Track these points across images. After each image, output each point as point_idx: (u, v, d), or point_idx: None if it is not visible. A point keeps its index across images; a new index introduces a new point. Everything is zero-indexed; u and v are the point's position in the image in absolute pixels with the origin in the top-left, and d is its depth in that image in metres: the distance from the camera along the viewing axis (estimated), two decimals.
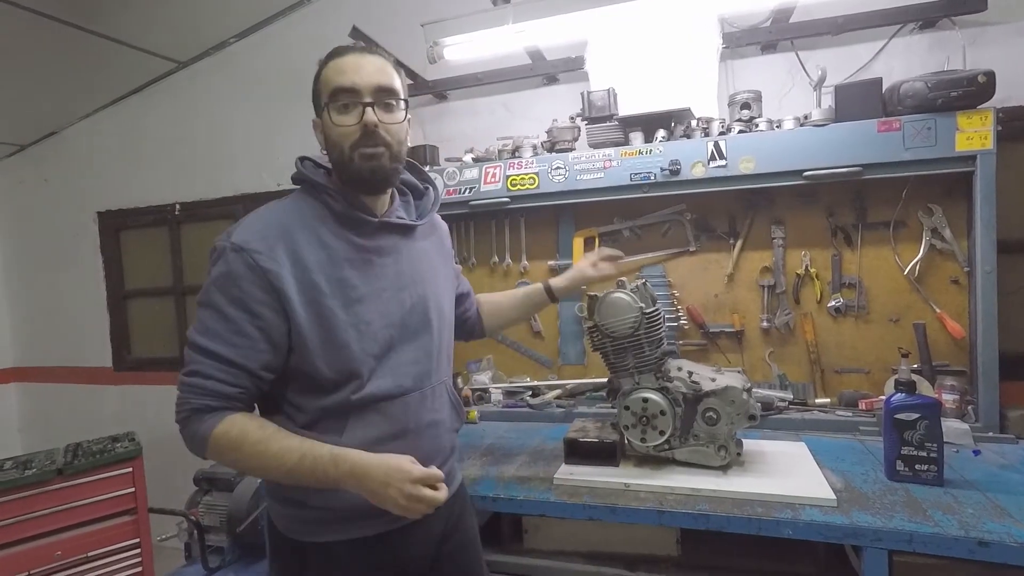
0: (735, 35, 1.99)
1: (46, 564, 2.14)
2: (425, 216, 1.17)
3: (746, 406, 1.37)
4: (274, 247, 0.96)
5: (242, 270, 0.94)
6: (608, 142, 1.91)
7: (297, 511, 1.04)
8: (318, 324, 0.98)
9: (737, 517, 1.21)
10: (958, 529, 1.10)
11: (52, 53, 2.62)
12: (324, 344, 0.98)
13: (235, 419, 0.95)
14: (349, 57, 1.02)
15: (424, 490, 0.92)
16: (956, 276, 1.73)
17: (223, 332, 0.95)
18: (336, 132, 1.01)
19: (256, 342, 0.95)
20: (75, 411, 3.37)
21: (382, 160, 1.02)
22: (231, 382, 0.95)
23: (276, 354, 0.98)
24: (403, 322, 1.07)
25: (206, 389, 0.94)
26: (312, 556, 1.04)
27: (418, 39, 1.96)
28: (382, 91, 1.01)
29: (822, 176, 1.67)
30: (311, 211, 1.04)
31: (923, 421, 1.29)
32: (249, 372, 0.96)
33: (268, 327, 0.96)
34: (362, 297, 1.02)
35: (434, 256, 1.20)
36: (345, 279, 1.01)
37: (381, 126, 1.00)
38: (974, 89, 1.54)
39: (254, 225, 0.99)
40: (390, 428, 1.04)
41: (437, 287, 1.17)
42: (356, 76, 1.00)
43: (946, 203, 1.72)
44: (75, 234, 3.30)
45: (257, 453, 0.94)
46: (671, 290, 2.00)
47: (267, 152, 2.84)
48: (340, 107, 1.00)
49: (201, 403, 0.94)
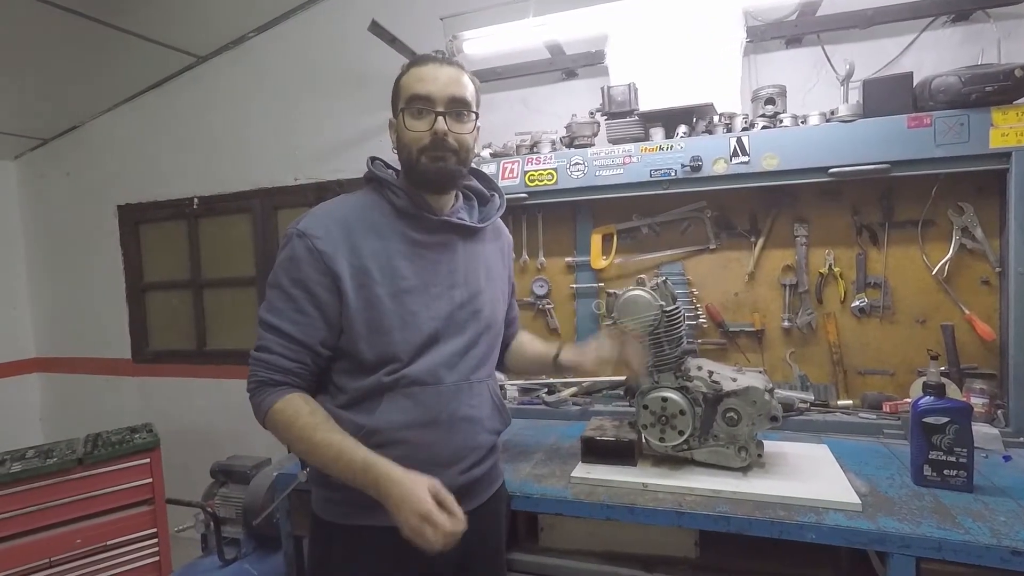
0: (759, 28, 1.95)
1: (66, 551, 2.17)
2: (488, 220, 1.20)
3: (768, 407, 1.34)
4: (333, 234, 1.05)
5: (303, 253, 1.03)
6: (628, 138, 1.88)
7: (330, 493, 1.09)
8: (366, 308, 1.04)
9: (759, 520, 1.18)
10: (990, 537, 1.06)
11: (74, 48, 2.65)
12: (369, 328, 1.04)
13: (292, 399, 1.02)
14: (429, 67, 1.08)
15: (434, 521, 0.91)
16: (987, 277, 1.68)
17: (286, 310, 1.04)
18: (408, 135, 1.08)
19: (315, 320, 1.04)
20: (95, 402, 3.42)
21: (448, 162, 1.08)
22: (292, 357, 1.03)
23: (331, 332, 1.06)
24: (450, 317, 1.10)
25: (271, 364, 1.03)
26: (340, 537, 1.09)
27: (437, 33, 1.95)
28: (455, 101, 1.07)
29: (848, 173, 1.63)
30: (374, 205, 1.11)
31: (952, 425, 1.25)
32: (309, 348, 1.04)
33: (324, 306, 1.04)
34: (411, 288, 1.07)
35: (493, 261, 1.24)
36: (396, 269, 1.06)
37: (451, 135, 1.06)
38: (1010, 84, 1.49)
39: (318, 214, 1.09)
40: (420, 415, 1.06)
41: (492, 290, 1.20)
42: (432, 85, 1.06)
43: (978, 201, 1.67)
44: (96, 227, 3.34)
45: (303, 438, 1.00)
46: (690, 288, 1.97)
47: (285, 146, 2.84)
48: (415, 112, 1.07)
49: (267, 376, 1.03)
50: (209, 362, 3.12)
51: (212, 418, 3.09)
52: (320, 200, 1.18)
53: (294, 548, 1.58)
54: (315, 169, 2.78)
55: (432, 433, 1.07)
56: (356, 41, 2.25)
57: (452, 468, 1.09)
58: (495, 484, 1.22)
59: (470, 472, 1.12)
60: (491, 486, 1.20)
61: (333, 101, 2.71)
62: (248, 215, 3.00)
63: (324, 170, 2.76)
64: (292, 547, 1.58)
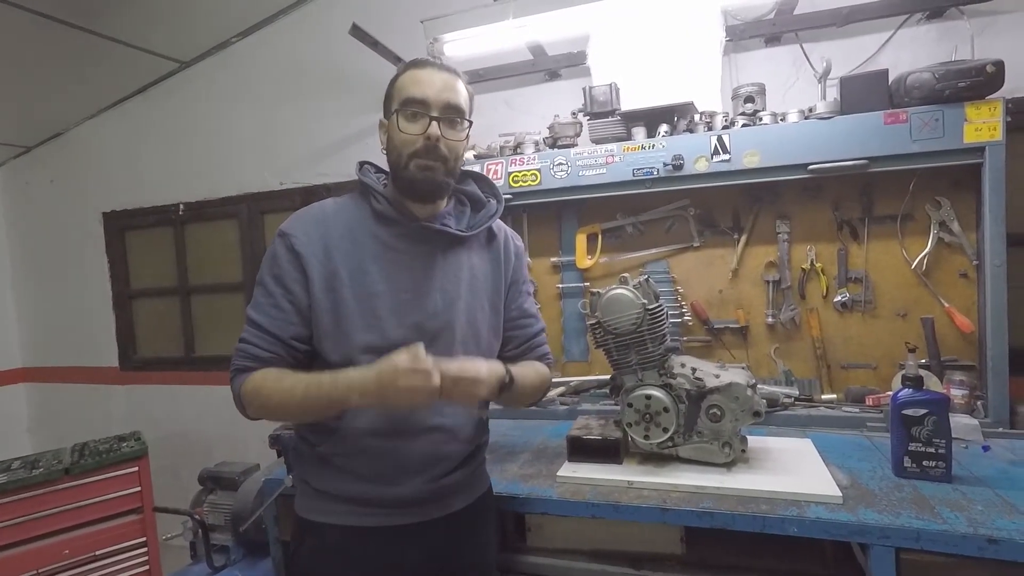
0: (738, 28, 1.97)
1: (55, 562, 2.16)
2: (477, 228, 1.17)
3: (751, 402, 1.35)
4: (310, 234, 1.07)
5: (282, 252, 1.07)
6: (610, 137, 1.89)
7: (303, 488, 1.14)
8: (332, 309, 1.05)
9: (742, 515, 1.19)
10: (967, 527, 1.08)
11: (56, 55, 2.63)
12: (333, 328, 1.06)
13: (259, 372, 1.05)
14: (426, 71, 1.08)
15: (418, 367, 0.91)
16: (965, 270, 1.71)
17: (264, 305, 1.07)
18: (400, 138, 1.07)
19: (288, 315, 1.06)
20: (82, 411, 3.39)
21: (436, 173, 1.08)
22: (265, 347, 1.06)
23: (306, 328, 1.08)
24: (420, 325, 1.08)
25: (246, 353, 1.06)
26: (310, 534, 1.11)
27: (418, 35, 1.96)
28: (450, 108, 1.07)
29: (828, 169, 1.65)
30: (355, 208, 1.13)
31: (931, 417, 1.27)
32: (281, 340, 1.06)
33: (297, 302, 1.06)
34: (379, 293, 1.07)
35: (480, 270, 1.19)
36: (365, 272, 1.07)
37: (442, 141, 1.06)
38: (983, 79, 1.51)
39: (300, 215, 1.12)
40: (384, 423, 1.06)
41: (472, 300, 1.15)
42: (429, 89, 1.06)
43: (954, 196, 1.69)
44: (81, 235, 3.32)
45: (274, 391, 1.02)
46: (675, 286, 1.98)
47: (270, 151, 2.84)
48: (409, 115, 1.07)
49: (241, 364, 1.06)
50: (197, 368, 3.11)
51: (201, 424, 3.08)
52: (306, 204, 1.18)
53: (282, 554, 1.57)
54: (301, 173, 2.78)
55: (396, 442, 1.06)
56: (339, 45, 2.26)
57: (419, 476, 1.08)
58: (474, 492, 1.20)
59: (440, 481, 1.11)
60: (467, 494, 1.18)
61: (318, 105, 2.70)
62: (234, 220, 2.99)
63: (310, 174, 2.76)
64: (280, 553, 1.57)
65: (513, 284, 1.26)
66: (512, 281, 1.25)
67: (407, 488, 1.07)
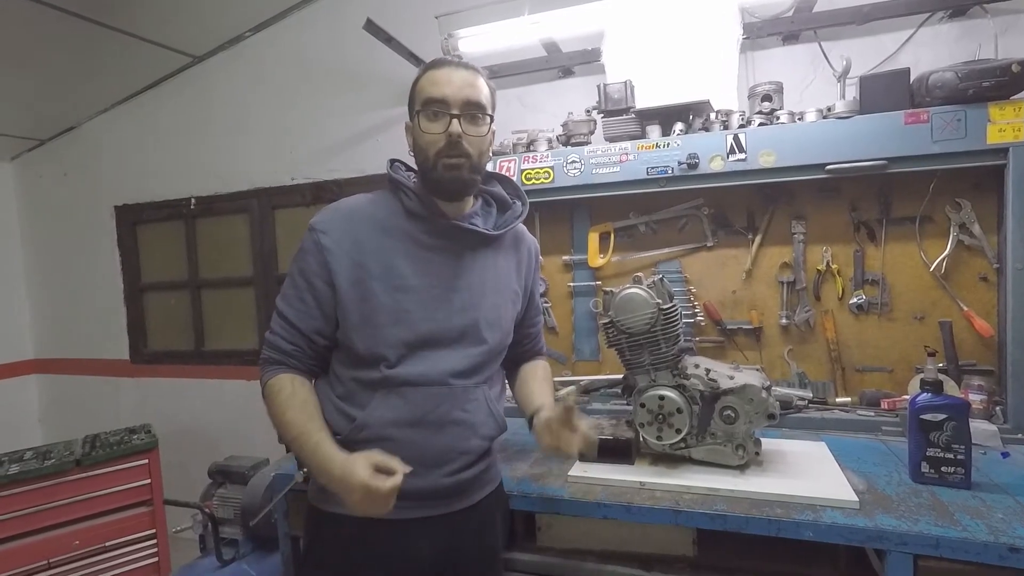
0: (756, 25, 1.94)
1: (65, 553, 2.17)
2: (504, 228, 1.18)
3: (765, 404, 1.34)
4: (339, 229, 1.09)
5: (310, 247, 1.10)
6: (624, 135, 1.87)
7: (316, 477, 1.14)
8: (360, 303, 1.07)
9: (756, 518, 1.18)
10: (987, 534, 1.06)
11: (70, 48, 2.64)
12: (362, 322, 1.07)
13: (282, 378, 1.08)
14: (444, 70, 1.09)
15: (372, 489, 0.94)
16: (985, 273, 1.68)
17: (291, 297, 1.11)
18: (424, 139, 1.09)
19: (311, 309, 1.09)
20: (93, 403, 3.42)
21: (462, 171, 1.09)
22: (288, 339, 1.10)
23: (328, 323, 1.10)
24: (447, 320, 1.10)
25: (273, 344, 1.10)
26: (326, 524, 1.12)
27: (432, 31, 1.95)
28: (470, 104, 1.08)
29: (845, 170, 1.63)
30: (386, 204, 1.14)
31: (950, 422, 1.25)
32: (302, 333, 1.09)
33: (320, 297, 1.09)
34: (408, 287, 1.08)
35: (506, 271, 1.22)
36: (395, 267, 1.08)
37: (465, 137, 1.07)
38: (1007, 79, 1.48)
39: (330, 209, 1.14)
40: (409, 414, 1.08)
41: (497, 300, 1.18)
42: (448, 88, 1.07)
43: (975, 197, 1.66)
44: (93, 228, 3.33)
45: (277, 414, 1.06)
46: (688, 286, 1.96)
47: (282, 146, 2.83)
48: (430, 115, 1.08)
49: (268, 355, 1.11)
50: (207, 363, 3.12)
51: (210, 418, 3.09)
52: (317, 200, 1.19)
53: (292, 548, 1.57)
54: (312, 169, 2.77)
55: (419, 433, 1.08)
56: (353, 40, 2.25)
57: (438, 469, 1.09)
58: (487, 487, 1.21)
59: (458, 475, 1.12)
60: (482, 489, 1.19)
61: (330, 100, 2.70)
62: (245, 215, 2.99)
63: (321, 170, 2.75)
64: (290, 547, 1.57)
65: (533, 290, 1.32)
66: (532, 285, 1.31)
67: (427, 481, 1.08)
